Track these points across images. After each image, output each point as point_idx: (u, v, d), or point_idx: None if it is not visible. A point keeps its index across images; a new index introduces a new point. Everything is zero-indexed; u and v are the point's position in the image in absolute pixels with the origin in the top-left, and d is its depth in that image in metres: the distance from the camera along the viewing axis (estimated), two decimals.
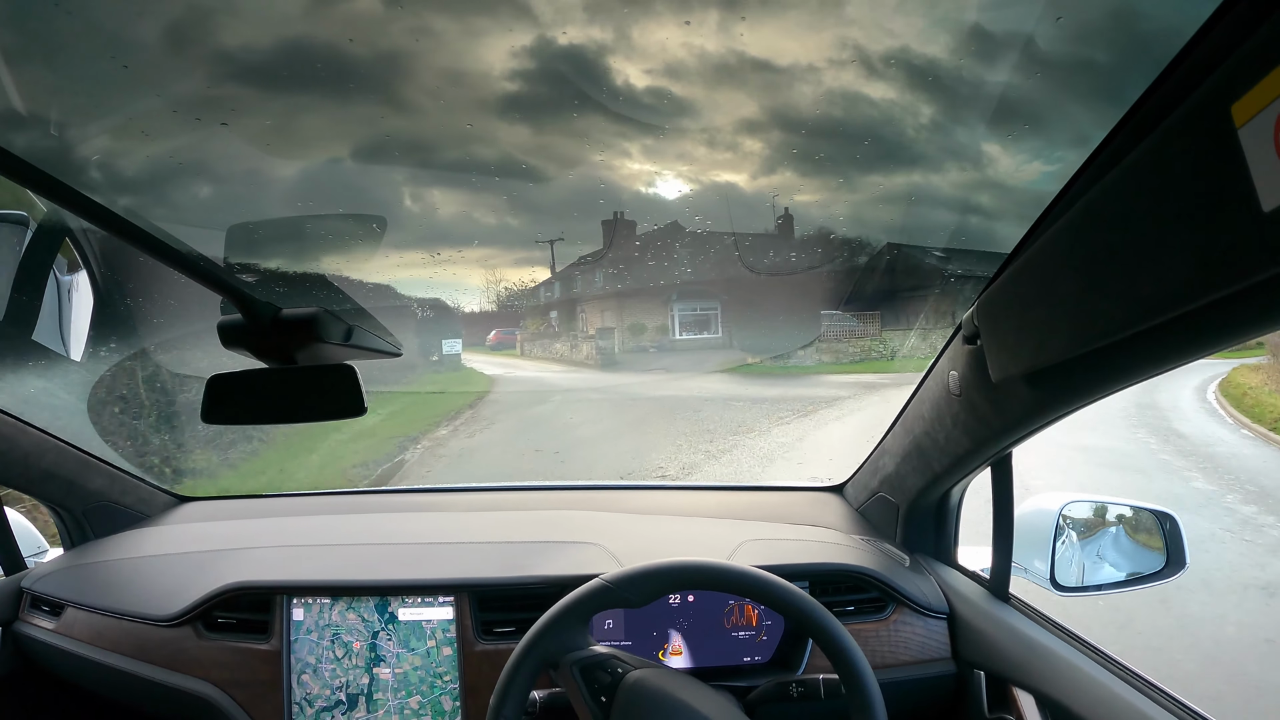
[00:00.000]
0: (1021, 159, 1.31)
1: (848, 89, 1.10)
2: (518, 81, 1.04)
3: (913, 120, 1.21)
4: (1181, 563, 1.08)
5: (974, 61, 1.02)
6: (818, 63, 1.04)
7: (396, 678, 1.11)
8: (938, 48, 1.01)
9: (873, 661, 1.05)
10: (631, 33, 0.96)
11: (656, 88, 1.07)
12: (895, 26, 0.98)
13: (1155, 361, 0.56)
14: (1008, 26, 0.97)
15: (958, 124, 1.25)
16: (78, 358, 1.36)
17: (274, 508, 1.55)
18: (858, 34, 0.99)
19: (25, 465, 1.27)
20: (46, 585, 1.29)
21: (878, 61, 1.05)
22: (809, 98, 1.12)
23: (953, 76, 1.06)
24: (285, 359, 0.74)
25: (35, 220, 1.28)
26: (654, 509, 1.40)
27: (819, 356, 11.22)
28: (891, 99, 1.14)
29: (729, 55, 1.01)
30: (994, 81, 1.05)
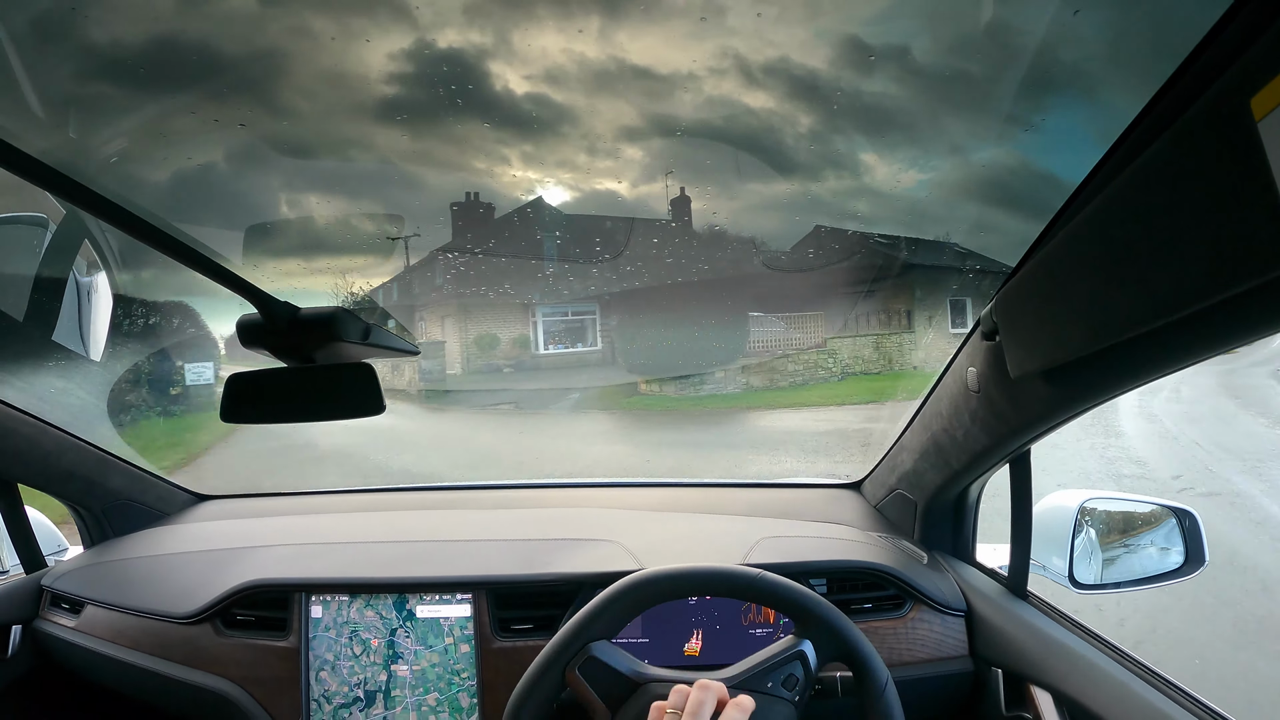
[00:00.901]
0: (898, 167, 1.31)
1: (728, 97, 1.10)
2: (396, 85, 1.02)
3: (791, 129, 1.23)
4: (1201, 560, 1.07)
5: (852, 72, 1.04)
6: (699, 71, 1.04)
7: (414, 675, 1.11)
8: (818, 59, 1.03)
9: (890, 659, 1.06)
10: (512, 38, 0.95)
11: (536, 94, 1.07)
12: (776, 37, 0.99)
13: (1174, 357, 0.56)
14: (887, 40, 0.99)
15: (835, 133, 1.27)
16: (97, 358, 1.38)
17: (292, 505, 1.56)
18: (739, 44, 1.00)
19: (45, 464, 1.28)
20: (66, 583, 1.30)
21: (758, 71, 1.06)
22: (689, 106, 1.12)
23: (831, 87, 1.07)
24: (303, 358, 0.75)
25: (54, 222, 1.29)
26: (670, 505, 1.40)
27: (746, 380, 9.01)
28: (771, 108, 1.16)
29: (610, 62, 1.01)
30: (870, 92, 1.06)
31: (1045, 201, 1.20)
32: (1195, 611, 3.07)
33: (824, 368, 10.16)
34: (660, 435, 6.86)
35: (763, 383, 9.13)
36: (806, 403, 9.05)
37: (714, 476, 5.24)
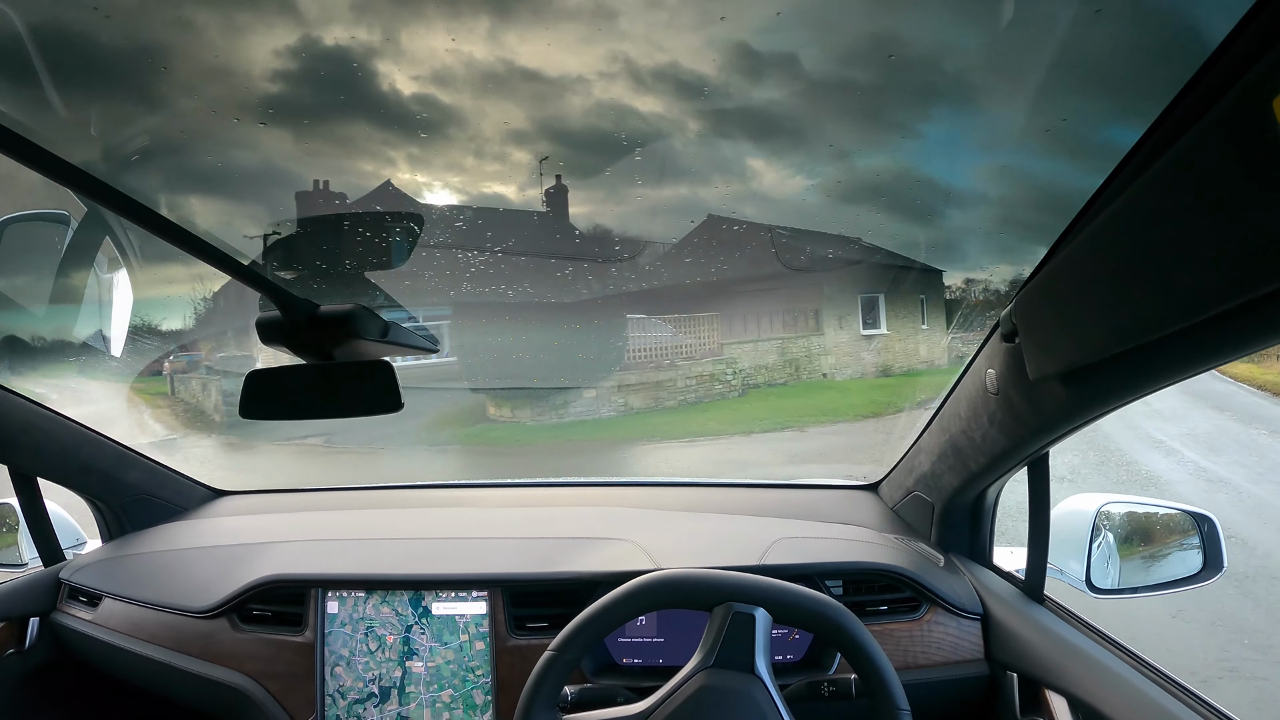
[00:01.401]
0: (786, 173, 1.31)
1: (617, 101, 1.10)
2: (280, 82, 0.99)
3: (680, 134, 1.22)
4: (1219, 565, 1.06)
5: (741, 79, 1.03)
6: (588, 75, 1.04)
7: (429, 671, 1.12)
8: (707, 65, 1.02)
9: (905, 662, 1.05)
10: (400, 36, 0.93)
11: (424, 95, 1.04)
12: (667, 42, 0.99)
13: (1195, 360, 0.56)
14: (776, 48, 0.99)
15: (723, 138, 1.27)
16: (118, 354, 1.39)
17: (309, 502, 1.57)
18: (629, 48, 0.99)
19: (64, 458, 1.30)
20: (84, 576, 1.32)
21: (648, 76, 1.05)
22: (578, 109, 1.11)
23: (720, 93, 1.07)
24: (322, 355, 0.75)
25: (76, 219, 1.31)
26: (687, 505, 1.40)
27: (624, 400, 7.06)
28: (659, 112, 1.14)
29: (498, 64, 0.99)
30: (759, 98, 1.07)
31: (928, 205, 1.22)
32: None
33: (722, 381, 8.68)
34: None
35: (645, 403, 7.31)
36: (703, 431, 7.43)
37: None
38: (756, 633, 0.81)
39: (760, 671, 0.80)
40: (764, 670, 0.80)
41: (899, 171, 1.31)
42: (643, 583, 0.85)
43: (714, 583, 0.85)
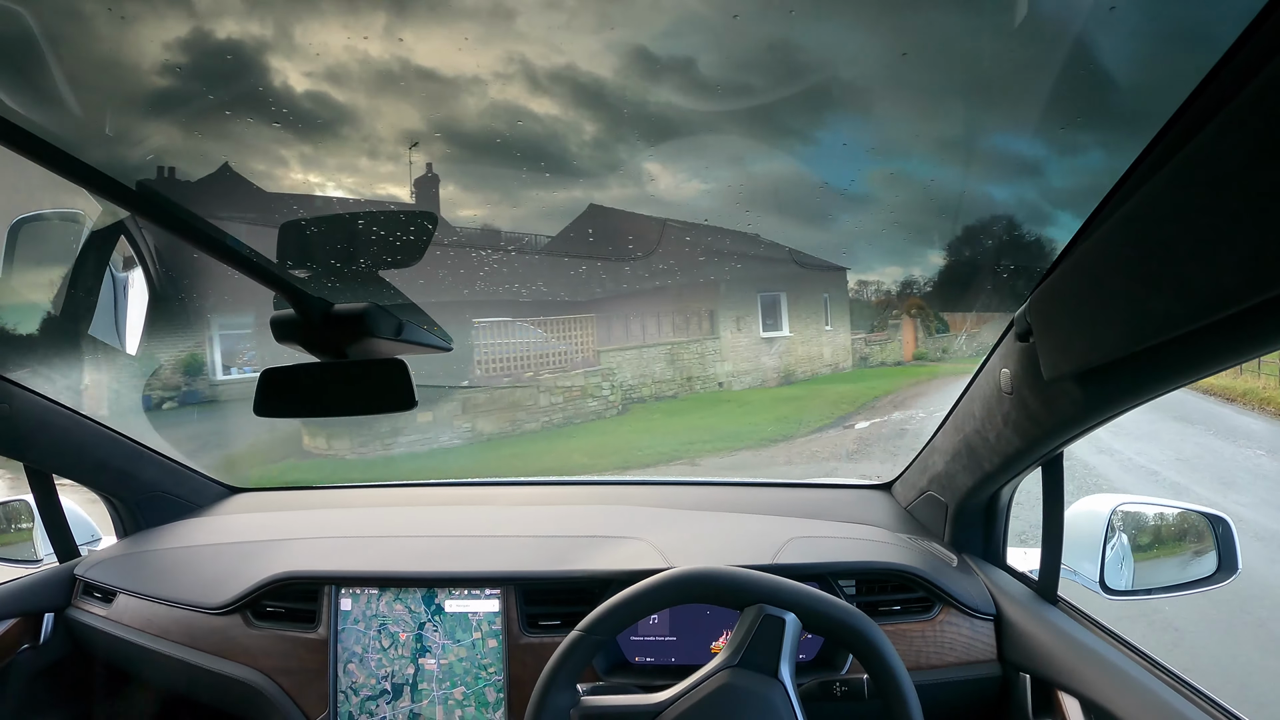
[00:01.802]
0: (683, 176, 1.31)
1: (513, 103, 1.08)
2: (169, 76, 0.95)
3: (576, 136, 1.20)
4: (1233, 567, 1.06)
5: (639, 82, 1.03)
6: (484, 75, 1.02)
7: (441, 668, 1.12)
8: (605, 68, 1.01)
9: (918, 662, 1.05)
10: (294, 31, 0.91)
11: (317, 92, 1.01)
12: (565, 44, 0.98)
13: (1211, 360, 0.55)
14: (674, 52, 0.98)
15: (619, 142, 1.26)
16: (134, 353, 1.40)
17: (323, 499, 1.58)
18: (527, 50, 0.98)
19: (80, 456, 1.31)
20: (99, 573, 1.33)
21: (544, 78, 1.04)
22: (473, 110, 1.09)
23: (616, 96, 1.06)
24: (337, 353, 0.76)
25: (91, 218, 1.32)
26: (700, 504, 1.40)
27: (472, 424, 5.53)
28: (555, 115, 1.13)
29: (394, 62, 0.97)
30: (656, 102, 1.06)
31: (822, 209, 1.23)
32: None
33: (597, 395, 7.14)
34: None
35: (498, 427, 5.91)
36: (563, 466, 6.10)
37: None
38: (785, 637, 0.81)
39: (783, 676, 0.80)
40: (787, 676, 0.80)
41: (793, 176, 1.32)
42: (677, 575, 0.85)
43: (748, 583, 0.85)
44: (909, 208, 1.27)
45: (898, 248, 1.94)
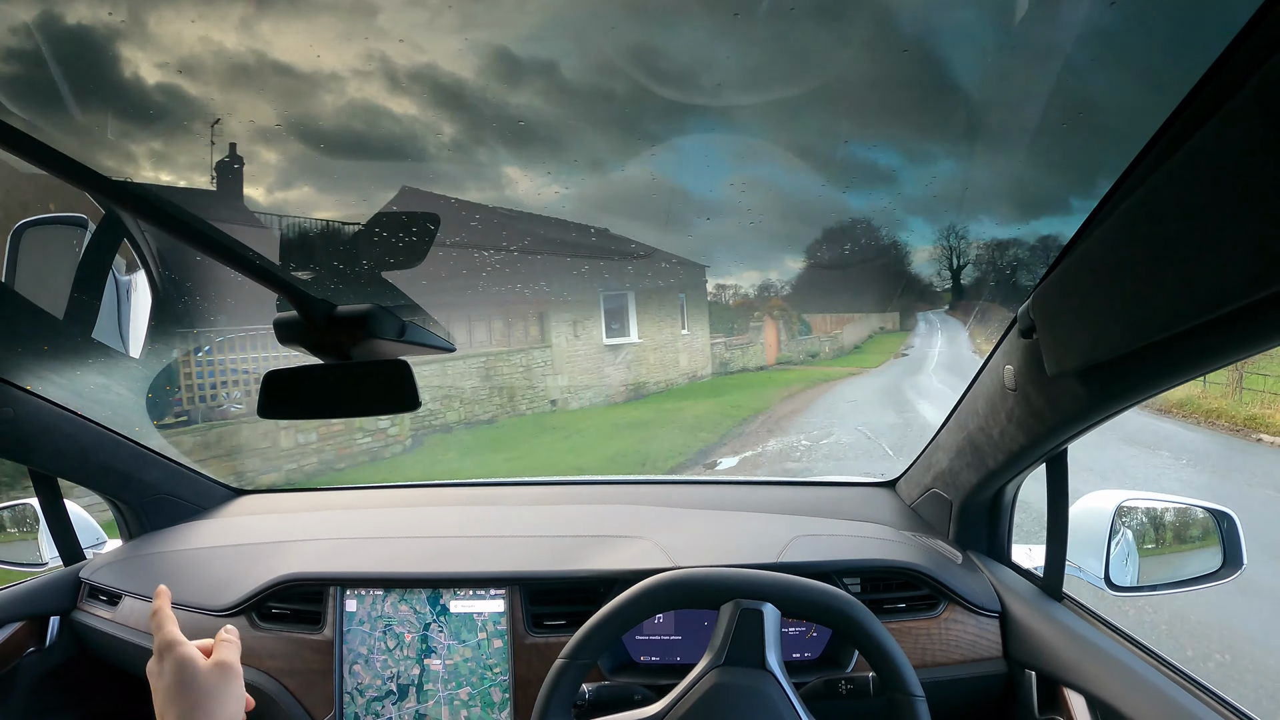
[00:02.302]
0: (541, 181, 1.29)
1: (371, 102, 1.05)
2: (15, 64, 0.92)
3: (434, 138, 1.18)
4: (1239, 562, 1.06)
5: (500, 84, 1.01)
6: (342, 72, 0.99)
7: (447, 669, 1.12)
8: (466, 69, 0.99)
9: (923, 660, 1.05)
10: (147, 19, 0.87)
11: (169, 85, 0.97)
12: (426, 44, 0.96)
13: (1215, 356, 0.55)
14: (537, 54, 0.97)
15: (479, 145, 1.24)
16: (137, 355, 1.40)
17: (328, 501, 1.58)
18: (387, 47, 0.96)
19: (84, 459, 1.31)
20: (104, 575, 1.33)
21: (404, 77, 1.01)
22: (330, 109, 1.06)
23: (477, 98, 1.05)
24: (340, 355, 0.76)
25: (93, 222, 1.32)
26: (704, 503, 1.40)
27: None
28: (414, 115, 1.11)
29: (249, 55, 0.94)
30: (516, 104, 1.04)
31: (680, 214, 1.21)
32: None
33: (370, 429, 5.58)
34: None
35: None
36: None
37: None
38: (765, 628, 0.82)
39: (772, 666, 0.80)
40: (775, 665, 0.80)
41: (651, 182, 1.31)
42: (648, 585, 0.85)
43: (719, 580, 0.85)
44: (767, 213, 1.28)
45: (754, 253, 1.94)
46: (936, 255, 12.68)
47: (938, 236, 11.64)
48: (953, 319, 20.23)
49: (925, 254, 10.33)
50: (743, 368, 13.09)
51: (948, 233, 11.98)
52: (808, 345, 16.81)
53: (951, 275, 13.27)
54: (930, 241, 10.50)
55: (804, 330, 16.95)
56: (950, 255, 14.31)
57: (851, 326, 18.64)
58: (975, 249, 12.07)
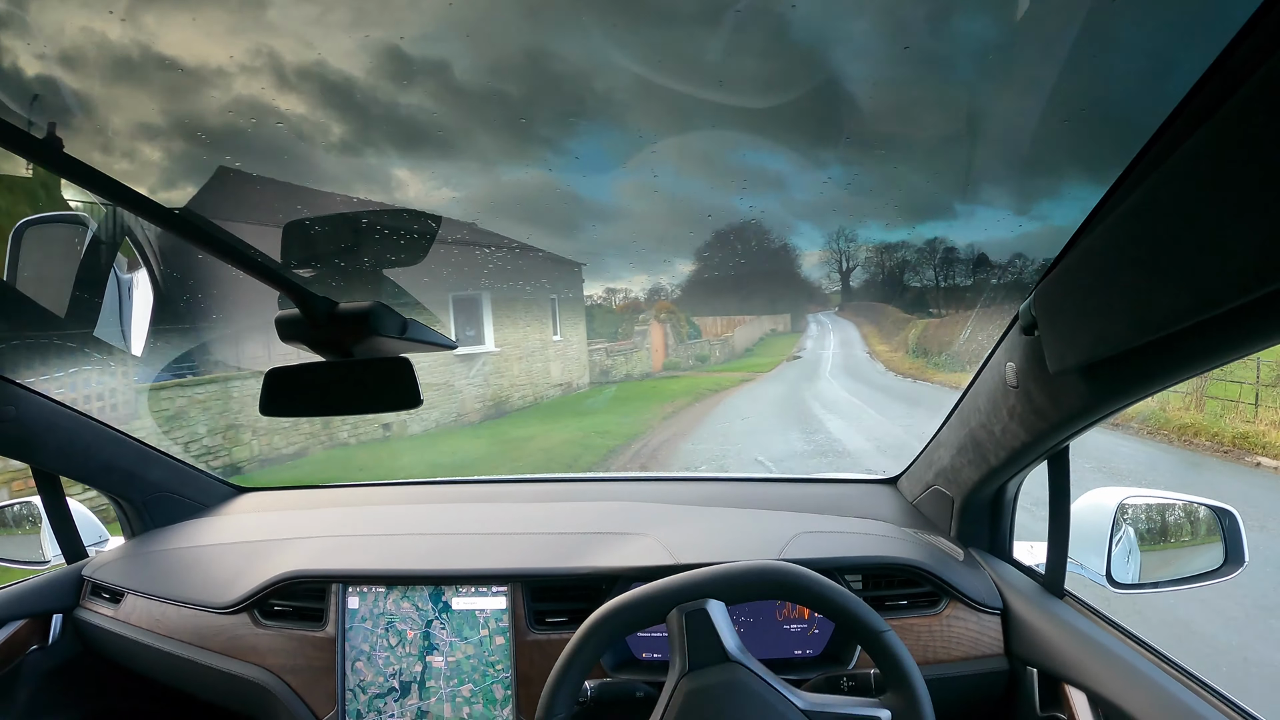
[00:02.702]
0: (432, 185, 1.27)
1: (258, 99, 1.02)
2: None
3: (323, 138, 1.17)
4: (1240, 560, 1.06)
5: (391, 84, 0.99)
6: (229, 67, 0.96)
7: (449, 666, 1.12)
8: (356, 67, 0.98)
9: (924, 657, 1.05)
10: (29, 6, 0.84)
11: (47, 77, 0.94)
12: (316, 40, 0.94)
13: (1216, 353, 0.55)
14: (428, 54, 0.95)
15: (368, 145, 1.22)
16: (138, 354, 1.41)
17: (330, 498, 1.58)
18: (276, 42, 0.94)
19: (87, 457, 1.31)
20: (107, 573, 1.33)
21: (293, 74, 1.00)
22: (216, 105, 1.03)
23: (367, 97, 1.03)
24: (341, 352, 0.76)
25: (95, 220, 1.32)
26: (706, 500, 1.40)
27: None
28: (302, 114, 1.08)
29: (134, 48, 0.91)
30: (407, 104, 1.03)
31: (570, 218, 1.16)
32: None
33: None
34: None
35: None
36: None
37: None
38: (716, 622, 0.81)
39: (735, 655, 0.80)
40: (737, 652, 0.80)
41: (543, 185, 1.29)
42: (589, 626, 0.85)
43: (655, 595, 0.85)
44: (658, 218, 1.27)
45: (642, 257, 1.91)
46: (826, 258, 12.10)
47: (827, 240, 11.23)
48: (843, 319, 19.95)
49: (816, 257, 10.03)
50: (626, 375, 11.91)
51: (838, 236, 11.39)
52: (697, 350, 15.95)
53: (841, 277, 12.63)
54: (820, 246, 10.15)
55: (694, 334, 16.13)
56: (840, 259, 13.54)
57: (743, 329, 18.02)
58: (865, 251, 11.49)
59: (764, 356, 17.21)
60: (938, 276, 12.89)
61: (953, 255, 11.03)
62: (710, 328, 17.03)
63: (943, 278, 12.93)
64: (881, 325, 17.37)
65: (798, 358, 17.07)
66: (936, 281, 13.17)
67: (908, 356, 13.91)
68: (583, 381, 9.63)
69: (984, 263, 6.33)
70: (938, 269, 12.63)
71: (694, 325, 16.23)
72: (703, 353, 16.15)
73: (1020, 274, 2.36)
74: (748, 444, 7.80)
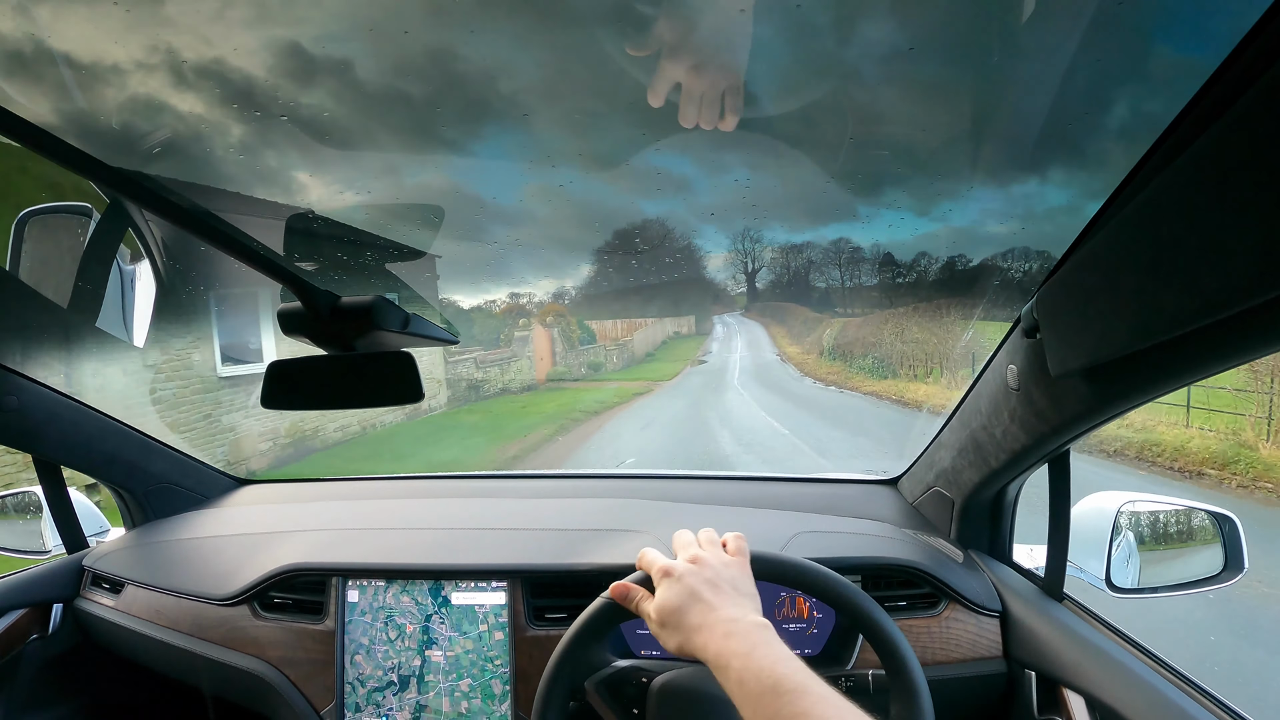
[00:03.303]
0: (336, 188, 1.24)
1: (154, 97, 0.99)
2: None
3: (221, 139, 1.13)
4: (1240, 565, 1.06)
5: (292, 83, 0.97)
6: (125, 64, 0.93)
7: (448, 660, 1.13)
8: (257, 66, 0.94)
9: (923, 658, 1.05)
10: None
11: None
12: (215, 36, 0.90)
13: (1219, 357, 0.55)
14: (331, 53, 0.94)
15: (268, 147, 1.19)
16: (141, 345, 1.41)
17: (330, 491, 1.59)
18: (174, 38, 0.90)
19: (89, 448, 1.31)
20: (108, 564, 1.34)
21: (190, 71, 0.96)
22: (111, 103, 1.00)
23: (267, 97, 1.00)
24: (343, 346, 0.76)
25: (98, 211, 1.32)
26: (706, 498, 1.41)
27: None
28: (200, 113, 1.04)
29: (26, 42, 0.88)
30: (309, 104, 1.00)
31: (476, 223, 1.15)
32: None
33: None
34: None
35: None
36: None
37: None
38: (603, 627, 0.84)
39: (607, 661, 0.85)
40: (607, 654, 0.86)
41: (448, 189, 1.27)
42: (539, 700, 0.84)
43: (553, 669, 0.84)
44: (561, 222, 1.25)
45: (550, 261, 1.86)
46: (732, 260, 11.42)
47: (732, 242, 10.73)
48: (750, 319, 19.23)
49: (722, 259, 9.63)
50: (503, 389, 9.91)
51: (741, 237, 10.95)
52: (590, 356, 14.11)
53: (747, 278, 11.84)
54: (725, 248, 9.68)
55: (586, 339, 14.27)
56: (745, 259, 12.75)
57: (644, 333, 16.74)
58: (770, 253, 10.98)
59: (666, 362, 15.66)
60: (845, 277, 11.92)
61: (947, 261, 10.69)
62: (608, 331, 15.57)
63: (850, 278, 12.24)
64: (790, 326, 16.57)
65: (703, 362, 16.04)
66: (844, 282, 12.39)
67: (823, 359, 12.71)
68: (438, 402, 7.96)
69: (980, 274, 6.14)
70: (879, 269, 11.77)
71: (587, 329, 14.65)
72: (596, 359, 14.45)
73: (1015, 276, 2.34)
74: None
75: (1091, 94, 0.96)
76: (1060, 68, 0.94)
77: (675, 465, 7.77)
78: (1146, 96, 0.91)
